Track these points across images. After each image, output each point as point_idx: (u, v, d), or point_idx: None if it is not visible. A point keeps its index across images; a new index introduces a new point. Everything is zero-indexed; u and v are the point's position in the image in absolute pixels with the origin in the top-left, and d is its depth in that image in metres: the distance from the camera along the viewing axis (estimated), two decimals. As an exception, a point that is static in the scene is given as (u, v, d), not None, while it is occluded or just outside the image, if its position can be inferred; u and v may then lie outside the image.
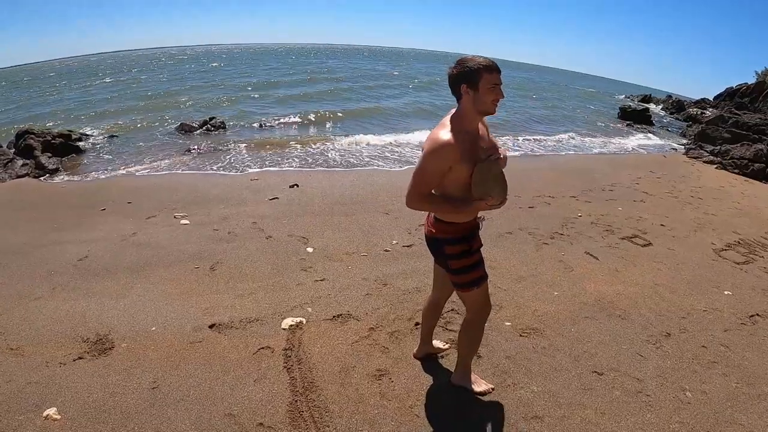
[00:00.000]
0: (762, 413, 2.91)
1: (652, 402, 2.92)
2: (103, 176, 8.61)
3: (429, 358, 3.22)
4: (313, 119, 14.58)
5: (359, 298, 4.02)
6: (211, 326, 3.58)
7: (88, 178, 8.51)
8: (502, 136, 12.81)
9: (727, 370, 3.32)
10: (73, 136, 10.89)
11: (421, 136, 11.99)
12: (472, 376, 2.93)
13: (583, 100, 28.98)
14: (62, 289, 4.20)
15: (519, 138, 13.39)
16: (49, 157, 9.30)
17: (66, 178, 8.59)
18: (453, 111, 2.36)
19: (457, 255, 2.48)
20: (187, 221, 5.86)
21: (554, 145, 13.10)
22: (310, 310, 3.82)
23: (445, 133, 2.21)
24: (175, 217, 6.01)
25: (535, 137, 13.73)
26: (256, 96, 19.77)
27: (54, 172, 8.83)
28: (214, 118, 13.42)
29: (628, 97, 33.26)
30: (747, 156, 10.91)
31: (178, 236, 5.37)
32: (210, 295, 4.07)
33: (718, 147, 12.50)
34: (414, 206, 2.36)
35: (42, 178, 8.50)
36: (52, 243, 5.26)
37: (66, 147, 10.22)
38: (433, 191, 2.34)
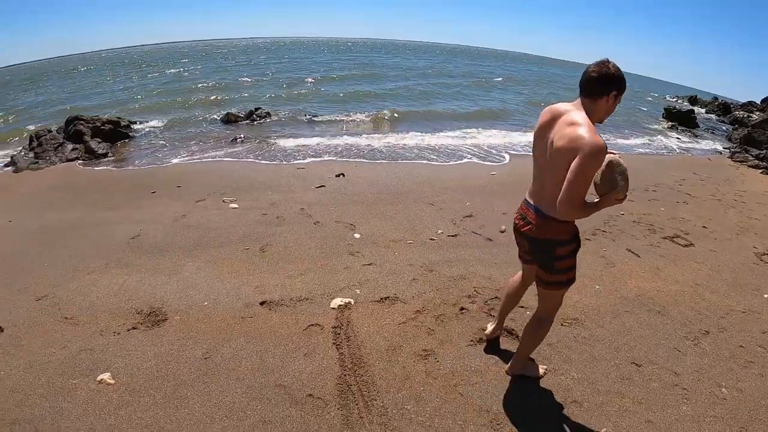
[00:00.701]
0: (797, 414, 2.93)
1: (688, 395, 2.98)
2: (151, 162, 8.99)
3: (475, 342, 3.33)
4: (362, 116, 14.40)
5: (406, 283, 4.16)
6: (261, 303, 3.78)
7: (137, 163, 8.90)
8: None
9: (763, 370, 3.32)
10: (122, 123, 11.34)
11: (485, 138, 11.98)
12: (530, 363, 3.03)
13: (627, 99, 28.24)
14: (115, 264, 4.47)
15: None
16: (99, 143, 9.75)
17: (115, 162, 9.01)
18: (579, 108, 2.26)
19: (567, 255, 2.47)
20: (235, 205, 6.09)
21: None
22: (358, 291, 3.98)
23: (597, 136, 2.09)
24: (224, 201, 6.25)
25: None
26: (303, 91, 19.72)
27: (103, 156, 9.28)
28: (259, 108, 13.72)
29: (675, 99, 32.31)
30: (794, 161, 10.62)
31: (228, 219, 5.61)
32: (260, 274, 4.28)
33: (764, 151, 12.16)
34: (575, 216, 2.25)
35: (91, 162, 8.93)
36: (104, 222, 5.57)
37: (115, 133, 10.69)
38: None
